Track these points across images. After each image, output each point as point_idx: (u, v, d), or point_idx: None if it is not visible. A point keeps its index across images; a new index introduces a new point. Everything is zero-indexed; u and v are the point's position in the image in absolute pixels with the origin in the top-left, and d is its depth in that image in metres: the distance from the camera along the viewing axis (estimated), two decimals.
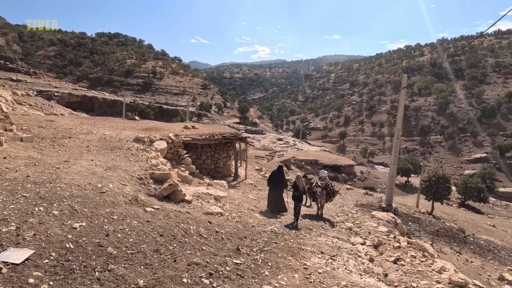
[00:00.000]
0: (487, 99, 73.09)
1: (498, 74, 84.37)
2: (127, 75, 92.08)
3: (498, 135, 60.02)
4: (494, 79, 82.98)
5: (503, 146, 53.50)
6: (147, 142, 9.36)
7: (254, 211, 8.76)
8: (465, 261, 9.55)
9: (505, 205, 37.75)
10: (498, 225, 24.30)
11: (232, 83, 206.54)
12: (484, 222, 24.44)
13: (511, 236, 20.76)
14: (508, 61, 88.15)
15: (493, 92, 75.86)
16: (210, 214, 6.33)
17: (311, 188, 9.58)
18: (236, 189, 11.41)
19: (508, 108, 67.77)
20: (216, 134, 12.66)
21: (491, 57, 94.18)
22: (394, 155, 13.65)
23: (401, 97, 14.17)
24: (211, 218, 5.84)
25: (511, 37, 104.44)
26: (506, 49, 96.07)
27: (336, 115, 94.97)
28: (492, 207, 34.76)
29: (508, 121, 64.47)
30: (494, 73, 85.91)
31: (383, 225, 8.97)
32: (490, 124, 65.71)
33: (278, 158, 31.74)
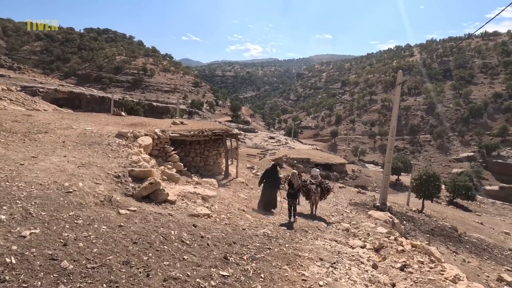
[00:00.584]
0: (474, 99, 74.51)
1: (484, 75, 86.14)
2: (116, 72, 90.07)
3: (485, 134, 61.22)
4: (481, 80, 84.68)
5: (489, 145, 54.56)
6: (131, 138, 8.75)
7: (245, 211, 8.29)
8: (462, 261, 9.33)
9: (491, 203, 38.43)
10: (485, 222, 24.59)
11: (224, 81, 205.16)
12: (472, 219, 24.69)
13: (499, 233, 21.05)
14: (494, 62, 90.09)
15: (480, 92, 77.40)
16: (195, 216, 5.84)
17: (305, 186, 9.38)
18: (226, 188, 10.89)
19: (494, 108, 69.23)
20: (205, 130, 12.12)
21: (478, 58, 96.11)
22: (388, 153, 13.35)
23: (396, 93, 13.88)
24: (197, 221, 5.34)
25: (497, 39, 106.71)
26: (492, 50, 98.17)
27: (327, 114, 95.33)
28: (479, 205, 35.31)
29: (494, 120, 65.85)
30: (481, 73, 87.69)
31: (381, 225, 8.66)
32: (477, 124, 67.02)
33: (270, 157, 31.35)
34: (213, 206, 7.40)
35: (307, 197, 9.45)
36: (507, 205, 38.50)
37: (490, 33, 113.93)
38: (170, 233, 4.00)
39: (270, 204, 9.18)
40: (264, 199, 9.20)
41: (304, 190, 9.38)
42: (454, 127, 68.54)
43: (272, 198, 9.20)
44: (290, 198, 8.17)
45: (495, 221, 27.17)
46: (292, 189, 8.24)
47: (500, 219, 29.30)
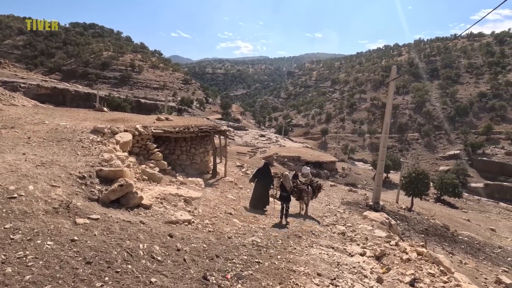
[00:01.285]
0: (460, 99, 75.93)
1: (470, 75, 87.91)
2: (103, 68, 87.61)
3: (470, 133, 62.43)
4: (466, 79, 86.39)
5: (474, 144, 55.64)
6: (108, 134, 8.07)
7: (233, 215, 7.66)
8: (459, 263, 9.08)
9: (477, 200, 39.15)
10: (472, 219, 24.90)
11: (214, 79, 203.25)
12: (459, 216, 24.96)
13: (485, 230, 21.28)
14: (479, 63, 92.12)
15: (466, 91, 78.93)
16: (173, 223, 5.16)
17: (296, 186, 9.02)
18: (213, 188, 10.30)
19: (479, 107, 70.71)
20: (191, 126, 11.40)
21: (464, 58, 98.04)
22: (382, 151, 13.00)
23: (390, 89, 13.55)
24: (174, 229, 4.67)
25: (482, 40, 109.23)
26: (477, 51, 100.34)
27: (318, 112, 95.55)
28: (466, 202, 35.88)
29: (479, 119, 67.26)
30: (466, 73, 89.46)
31: (378, 227, 8.19)
32: (463, 123, 68.31)
33: (261, 155, 30.87)
34: (197, 210, 6.80)
35: (299, 197, 9.04)
36: (492, 201, 39.31)
37: (475, 34, 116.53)
38: (137, 247, 3.35)
39: (261, 202, 9.21)
40: (255, 198, 9.23)
41: (295, 190, 8.96)
42: (441, 125, 69.73)
43: (264, 196, 9.22)
44: (283, 201, 8.01)
45: (481, 218, 27.60)
46: (285, 192, 8.09)
47: (485, 216, 29.81)
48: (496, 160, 50.77)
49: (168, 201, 6.43)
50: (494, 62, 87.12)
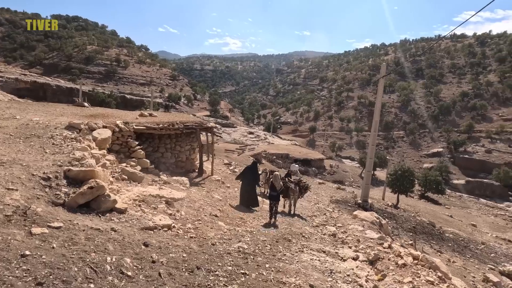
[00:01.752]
0: (443, 98, 77.94)
1: (453, 75, 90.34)
2: (87, 62, 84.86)
3: (453, 131, 64.21)
4: (450, 79, 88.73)
5: (456, 142, 57.29)
6: (84, 130, 7.55)
7: (218, 217, 7.25)
8: (448, 261, 9.09)
9: (458, 196, 40.31)
10: (454, 215, 25.53)
11: (202, 75, 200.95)
12: (443, 212, 25.53)
13: (467, 226, 21.84)
14: (461, 63, 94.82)
15: (449, 91, 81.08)
16: (151, 229, 4.71)
17: (284, 184, 8.94)
18: (199, 188, 9.91)
19: (461, 106, 72.80)
20: (176, 122, 10.91)
21: (447, 59, 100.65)
22: (371, 149, 12.92)
23: (380, 86, 13.46)
24: (151, 237, 4.23)
25: (464, 41, 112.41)
26: (460, 51, 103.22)
27: (306, 110, 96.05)
28: (448, 198, 36.85)
29: (461, 118, 69.25)
30: (449, 73, 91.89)
31: (369, 227, 8.04)
32: (446, 121, 70.18)
33: (249, 152, 30.58)
34: (179, 213, 6.39)
35: (285, 195, 9.05)
36: (472, 198, 40.58)
37: (458, 35, 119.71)
38: (104, 261, 2.91)
39: (250, 201, 9.20)
40: (243, 196, 9.25)
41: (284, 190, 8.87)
42: (425, 124, 71.42)
43: (252, 195, 9.25)
44: (272, 200, 7.98)
45: (462, 214, 28.36)
46: (274, 191, 8.05)
47: (467, 212, 30.69)
48: (476, 157, 52.44)
49: (147, 204, 6.02)
50: (475, 63, 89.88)
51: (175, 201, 7.03)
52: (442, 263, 5.58)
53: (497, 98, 69.70)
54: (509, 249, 14.80)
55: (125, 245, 3.55)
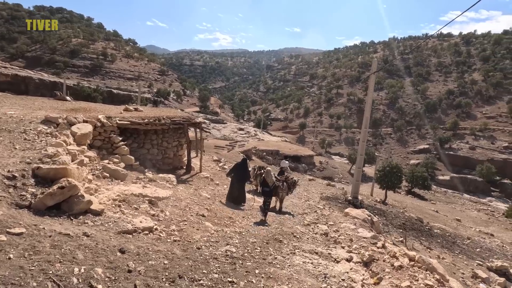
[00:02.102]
0: (430, 95, 79.66)
1: (439, 73, 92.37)
2: (72, 56, 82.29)
3: (439, 128, 65.83)
4: (436, 77, 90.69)
5: (442, 138, 58.76)
6: (63, 125, 7.24)
7: (206, 217, 6.97)
8: (437, 257, 9.15)
9: (444, 192, 41.48)
10: (440, 210, 26.20)
11: (192, 71, 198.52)
12: (429, 208, 26.17)
13: (452, 221, 22.46)
14: (448, 62, 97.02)
15: (435, 89, 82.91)
16: (129, 232, 4.34)
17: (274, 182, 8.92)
18: (187, 185, 9.60)
19: (447, 104, 74.61)
20: (163, 117, 10.56)
21: (434, 57, 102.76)
22: (362, 145, 12.94)
23: (371, 82, 13.46)
24: (129, 242, 3.85)
25: (451, 40, 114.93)
26: (446, 50, 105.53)
27: (296, 106, 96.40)
28: (434, 194, 37.86)
29: (447, 115, 71.01)
30: (436, 71, 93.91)
31: (361, 225, 8.02)
32: (432, 118, 71.82)
33: (239, 148, 30.46)
34: (163, 213, 6.07)
35: (275, 193, 9.03)
36: (457, 193, 41.83)
37: (444, 34, 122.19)
38: (71, 272, 2.54)
39: (238, 198, 9.18)
40: (232, 193, 9.19)
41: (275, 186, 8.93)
42: (413, 121, 72.90)
43: (240, 192, 9.24)
44: (265, 196, 8.06)
45: (447, 209, 29.14)
46: (267, 187, 8.14)
47: (452, 207, 31.59)
48: (461, 154, 53.97)
49: (128, 204, 5.67)
50: (461, 62, 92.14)
51: (160, 200, 6.78)
52: (439, 264, 5.51)
53: (481, 96, 71.73)
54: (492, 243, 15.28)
55: (98, 253, 3.23)
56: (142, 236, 4.49)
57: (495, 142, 55.48)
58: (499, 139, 56.14)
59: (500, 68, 78.07)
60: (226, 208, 8.33)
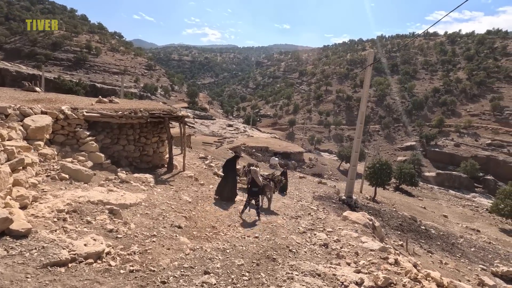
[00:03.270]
0: (417, 93, 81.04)
1: (426, 71, 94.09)
2: (54, 48, 79.16)
3: (425, 125, 67.07)
4: (423, 75, 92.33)
5: (428, 135, 59.87)
6: (13, 116, 6.40)
7: (182, 228, 5.89)
8: (440, 263, 8.80)
9: (430, 188, 42.23)
10: (427, 206, 26.49)
11: (180, 66, 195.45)
12: (417, 204, 26.41)
13: (439, 217, 22.72)
14: (433, 60, 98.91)
15: (422, 87, 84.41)
16: (62, 264, 3.21)
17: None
18: (166, 186, 8.69)
19: (433, 101, 76.11)
20: (140, 110, 9.52)
21: (421, 56, 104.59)
22: (356, 142, 12.41)
23: (367, 75, 12.84)
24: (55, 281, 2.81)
25: (436, 39, 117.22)
26: (432, 49, 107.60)
27: (285, 103, 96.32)
28: (421, 190, 38.44)
29: (433, 113, 72.44)
30: (423, 70, 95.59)
31: (362, 231, 7.29)
32: (418, 116, 73.15)
33: (228, 145, 29.90)
34: (126, 227, 4.96)
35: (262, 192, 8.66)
36: (443, 189, 42.68)
37: (430, 33, 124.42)
38: None
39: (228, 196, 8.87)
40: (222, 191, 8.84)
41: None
42: (400, 118, 74.02)
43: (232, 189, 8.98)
44: (253, 196, 7.68)
45: (434, 205, 29.54)
46: (255, 187, 7.76)
47: (438, 203, 32.09)
48: (446, 151, 55.13)
49: (80, 215, 4.67)
50: (446, 60, 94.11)
51: (126, 208, 5.75)
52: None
53: (465, 95, 73.47)
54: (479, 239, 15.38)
55: None
56: (83, 267, 3.33)
57: (478, 139, 56.96)
58: (482, 136, 57.66)
59: (483, 67, 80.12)
60: (210, 214, 7.40)
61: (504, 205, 24.09)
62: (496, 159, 49.42)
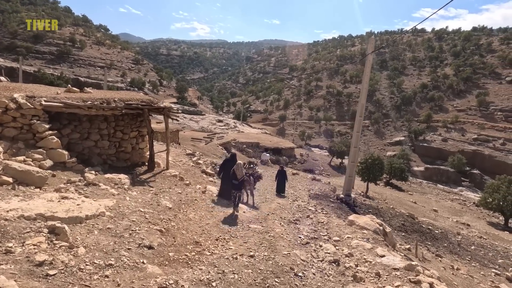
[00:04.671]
0: (405, 89, 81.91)
1: (414, 67, 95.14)
2: (36, 41, 75.87)
3: (413, 120, 67.91)
4: (411, 71, 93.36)
5: (417, 130, 60.64)
6: None
7: (155, 249, 4.57)
8: (451, 268, 8.15)
9: (419, 183, 42.73)
10: (417, 201, 26.60)
11: (169, 61, 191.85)
12: (407, 199, 26.49)
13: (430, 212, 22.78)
14: (421, 56, 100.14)
15: (410, 82, 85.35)
16: None
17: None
18: (144, 188, 7.47)
19: (421, 97, 77.09)
20: (114, 100, 8.27)
21: (409, 52, 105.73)
22: (356, 136, 11.62)
23: (368, 63, 12.07)
24: None
25: (424, 35, 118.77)
26: (420, 45, 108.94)
27: (276, 98, 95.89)
28: (410, 185, 38.78)
29: (421, 108, 73.40)
30: (411, 66, 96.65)
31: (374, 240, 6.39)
32: (407, 111, 74.01)
33: (218, 141, 29.18)
34: (72, 252, 3.63)
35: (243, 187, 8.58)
36: (431, 184, 43.27)
37: (418, 29, 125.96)
38: None
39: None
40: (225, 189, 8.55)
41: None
42: (389, 113, 74.73)
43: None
44: (234, 190, 7.59)
45: (424, 200, 29.75)
46: (236, 180, 7.64)
47: (427, 197, 32.39)
48: (434, 146, 55.94)
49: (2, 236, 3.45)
50: (433, 57, 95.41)
51: (80, 222, 4.48)
52: None
53: (452, 90, 74.67)
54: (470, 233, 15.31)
55: None
56: None
57: (465, 134, 58.02)
58: (469, 131, 58.76)
59: (470, 64, 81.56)
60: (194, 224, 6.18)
61: (492, 199, 24.39)
62: (482, 154, 50.44)
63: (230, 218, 6.94)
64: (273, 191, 10.63)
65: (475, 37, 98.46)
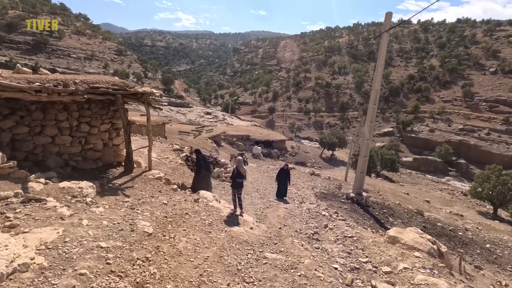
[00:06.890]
0: (393, 80, 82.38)
1: (401, 59, 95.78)
2: (9, 30, 71.26)
3: (401, 111, 68.44)
4: (398, 63, 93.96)
5: (404, 122, 61.11)
6: None
7: None
8: (499, 285, 7.00)
9: (408, 173, 43.06)
10: (410, 192, 26.52)
11: (154, 52, 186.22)
12: (400, 190, 26.33)
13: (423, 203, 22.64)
14: (408, 48, 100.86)
15: (397, 74, 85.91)
16: None
17: None
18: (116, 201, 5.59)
19: (408, 88, 77.76)
20: (75, 82, 6.31)
21: (396, 43, 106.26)
22: (369, 127, 10.23)
23: (383, 42, 10.38)
24: None
25: (410, 27, 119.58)
26: (406, 37, 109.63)
27: (264, 90, 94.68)
28: (400, 176, 38.97)
29: (408, 99, 74.07)
30: (398, 57, 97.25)
31: (433, 265, 4.82)
32: (395, 102, 74.55)
33: (207, 134, 27.97)
34: None
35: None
36: (420, 174, 43.71)
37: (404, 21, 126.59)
38: None
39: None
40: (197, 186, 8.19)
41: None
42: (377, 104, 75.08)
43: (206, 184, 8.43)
44: (237, 189, 6.96)
45: (415, 190, 29.74)
46: (240, 179, 6.97)
47: (418, 188, 32.49)
48: (422, 136, 56.56)
49: None
50: (420, 48, 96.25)
51: None
52: None
53: (439, 81, 75.59)
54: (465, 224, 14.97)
55: None
56: None
57: (451, 125, 58.94)
58: (455, 122, 59.71)
59: (455, 55, 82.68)
60: (185, 260, 4.21)
61: (482, 189, 24.55)
62: (468, 143, 51.35)
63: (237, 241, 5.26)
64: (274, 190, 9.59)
65: (460, 29, 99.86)
